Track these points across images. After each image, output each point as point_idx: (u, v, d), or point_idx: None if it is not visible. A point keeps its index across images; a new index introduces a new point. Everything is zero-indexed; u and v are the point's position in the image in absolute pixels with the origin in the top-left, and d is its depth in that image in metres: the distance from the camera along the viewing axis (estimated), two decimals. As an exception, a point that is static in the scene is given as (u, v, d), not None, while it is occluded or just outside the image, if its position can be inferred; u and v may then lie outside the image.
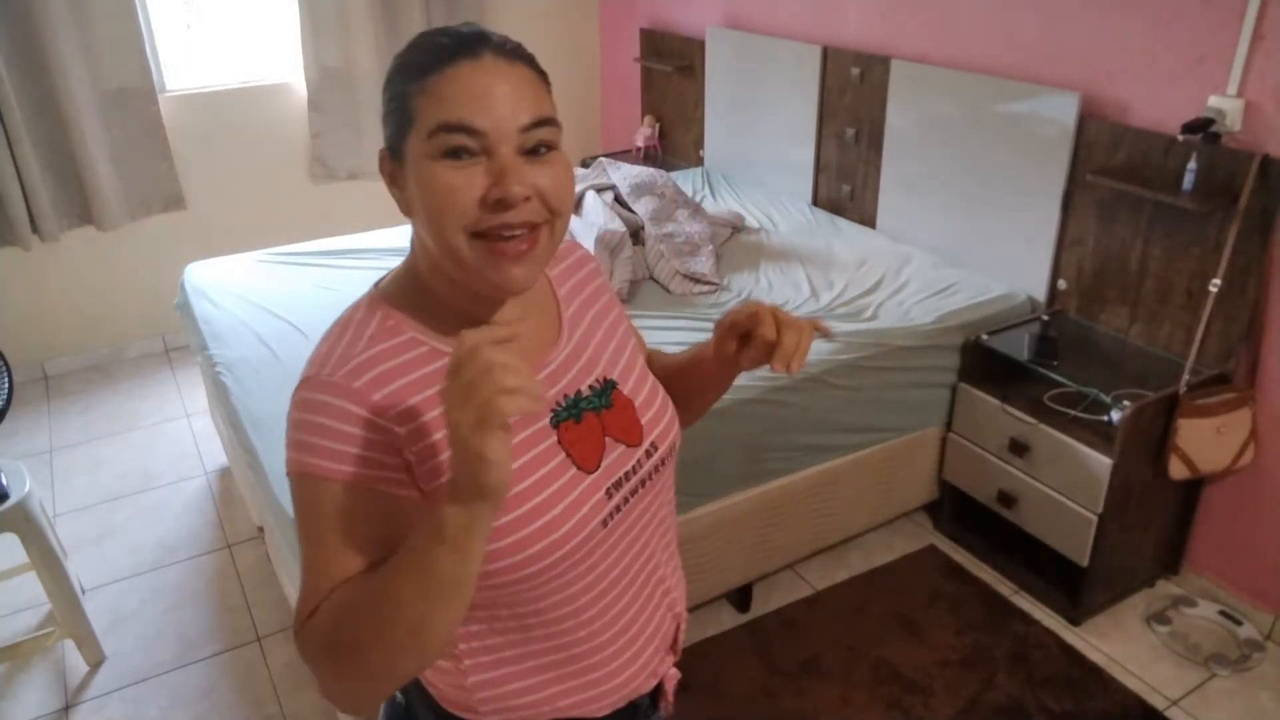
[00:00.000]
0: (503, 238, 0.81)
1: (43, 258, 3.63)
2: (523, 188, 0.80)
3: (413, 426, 0.82)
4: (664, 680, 1.07)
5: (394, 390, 0.83)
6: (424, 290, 0.89)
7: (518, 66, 0.83)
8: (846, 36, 3.25)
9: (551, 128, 0.83)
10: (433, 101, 0.80)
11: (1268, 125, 2.14)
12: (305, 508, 0.82)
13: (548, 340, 0.95)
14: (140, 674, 2.33)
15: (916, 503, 2.77)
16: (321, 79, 3.90)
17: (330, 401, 0.82)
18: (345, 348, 0.85)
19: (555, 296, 0.99)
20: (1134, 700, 2.19)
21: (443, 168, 0.80)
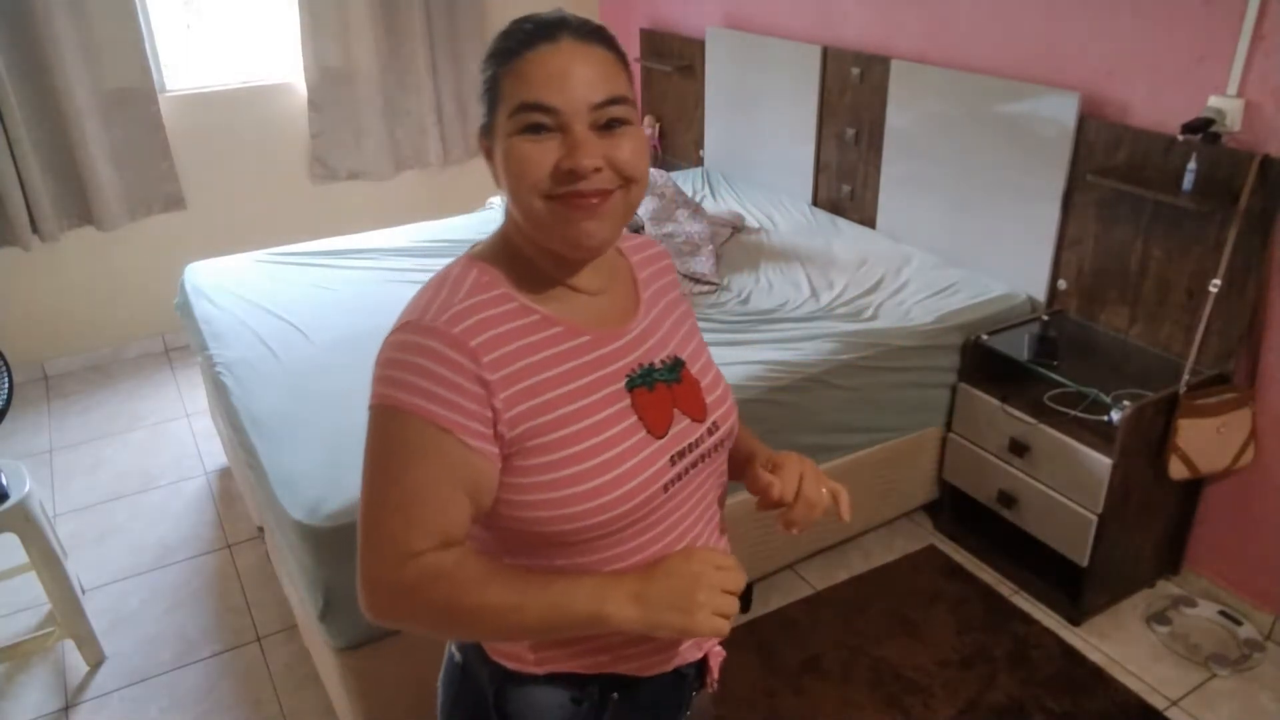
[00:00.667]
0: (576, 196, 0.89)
1: (43, 258, 3.63)
2: (592, 160, 0.88)
3: (503, 374, 0.89)
4: (709, 656, 1.12)
5: (489, 338, 0.89)
6: (515, 254, 0.96)
7: (594, 48, 0.90)
8: (846, 36, 3.25)
9: (624, 105, 0.90)
10: (515, 83, 0.89)
11: (1268, 125, 2.14)
12: (385, 441, 0.88)
13: (627, 313, 1.02)
14: (140, 674, 2.33)
15: (916, 503, 2.77)
16: (321, 79, 3.90)
17: (429, 345, 0.88)
18: (445, 298, 0.91)
19: (635, 277, 1.07)
20: (1134, 700, 2.19)
21: (522, 141, 0.89)
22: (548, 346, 0.93)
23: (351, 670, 1.91)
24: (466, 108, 4.31)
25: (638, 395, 0.97)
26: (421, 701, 2.01)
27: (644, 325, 1.02)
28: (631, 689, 1.05)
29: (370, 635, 1.90)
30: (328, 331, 2.58)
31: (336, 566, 1.83)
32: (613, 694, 1.04)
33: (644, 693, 1.06)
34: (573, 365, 0.94)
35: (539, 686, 1.02)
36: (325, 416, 2.15)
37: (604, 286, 1.01)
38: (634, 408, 0.96)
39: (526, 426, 0.89)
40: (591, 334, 0.97)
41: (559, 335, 0.94)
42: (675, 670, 1.07)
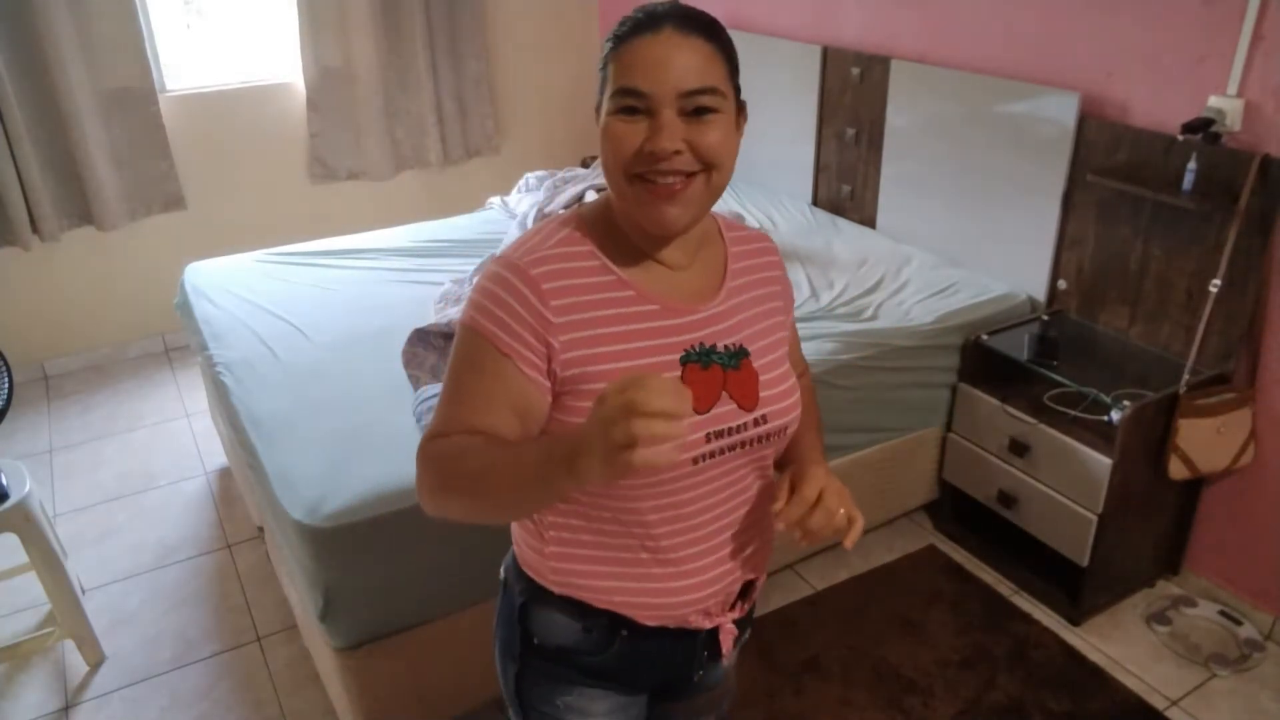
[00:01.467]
0: (657, 181, 0.96)
1: (43, 258, 3.63)
2: (672, 143, 0.94)
3: (568, 319, 0.99)
4: (720, 630, 1.16)
5: (562, 286, 0.99)
6: (610, 221, 1.05)
7: (694, 39, 0.96)
8: (846, 36, 3.25)
9: (714, 95, 0.96)
10: (618, 67, 0.97)
11: (1268, 125, 2.14)
12: (461, 355, 1.00)
13: (705, 294, 1.08)
14: (140, 674, 2.33)
15: (916, 503, 2.77)
16: (321, 79, 3.90)
17: (509, 278, 0.99)
18: (537, 243, 1.02)
19: (726, 263, 1.12)
20: (1134, 700, 2.19)
21: (616, 121, 0.96)
22: (615, 306, 1.01)
23: (351, 670, 1.91)
24: (466, 108, 4.31)
25: (689, 370, 1.03)
26: (421, 701, 2.02)
27: (718, 309, 1.07)
28: (638, 634, 1.11)
29: (370, 635, 1.90)
30: (328, 331, 2.58)
31: (336, 566, 1.83)
32: (621, 631, 1.11)
33: (651, 641, 1.12)
34: (634, 328, 1.02)
35: (556, 607, 1.12)
36: (325, 416, 2.15)
37: (688, 264, 1.07)
38: (682, 379, 1.02)
39: (579, 371, 0.99)
40: (661, 304, 1.03)
41: (629, 299, 1.02)
42: (684, 630, 1.13)
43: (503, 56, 4.39)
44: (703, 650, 1.17)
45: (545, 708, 1.17)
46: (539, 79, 4.51)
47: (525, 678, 1.17)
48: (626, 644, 1.12)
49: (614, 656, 1.13)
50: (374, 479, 1.90)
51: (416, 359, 2.36)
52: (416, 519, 1.89)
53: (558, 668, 1.15)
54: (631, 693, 1.20)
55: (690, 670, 1.19)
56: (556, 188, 3.53)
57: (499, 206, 3.66)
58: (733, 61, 1.00)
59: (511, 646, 1.17)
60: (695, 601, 1.11)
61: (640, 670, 1.17)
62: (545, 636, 1.14)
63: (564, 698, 1.16)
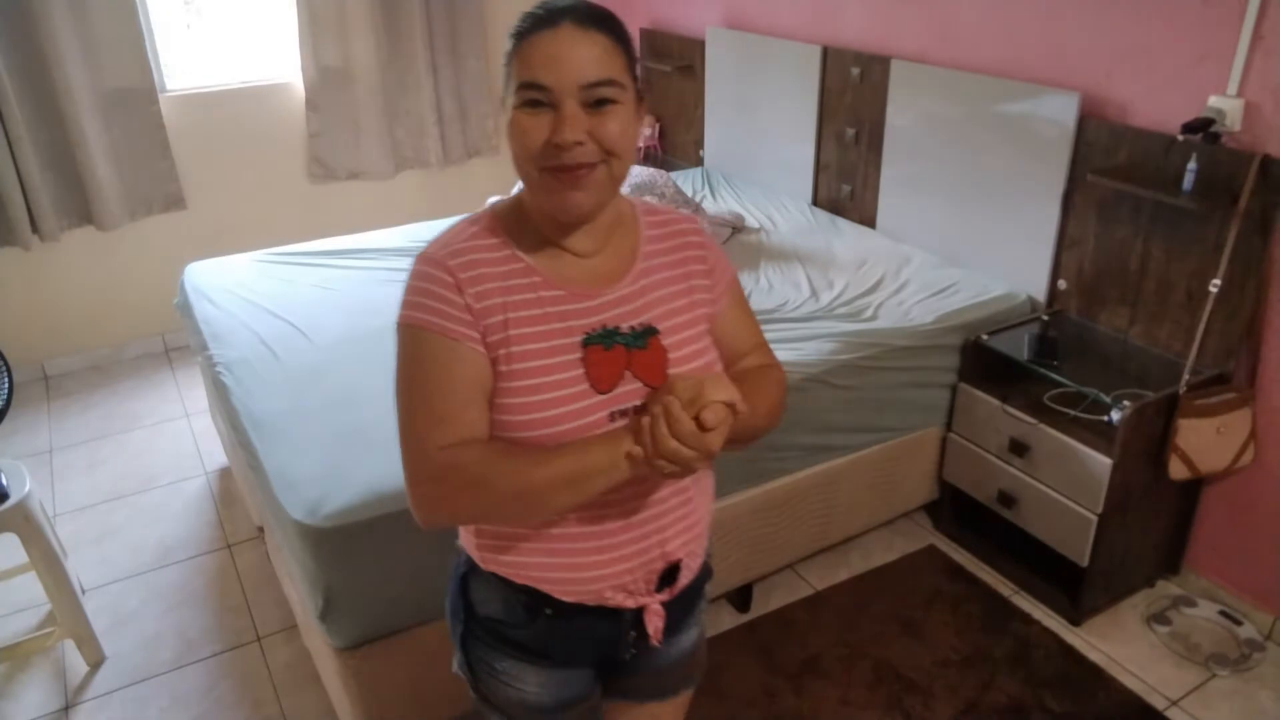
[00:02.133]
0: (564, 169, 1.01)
1: (43, 258, 3.63)
2: (575, 134, 0.99)
3: (482, 305, 1.05)
4: (647, 611, 1.19)
5: (476, 275, 1.06)
6: (521, 214, 1.11)
7: (592, 33, 1.00)
8: (846, 36, 3.25)
9: (613, 87, 1.01)
10: (520, 63, 1.01)
11: (1268, 125, 2.14)
12: (414, 356, 1.05)
13: (613, 278, 1.12)
14: (140, 674, 2.33)
15: (916, 503, 2.77)
16: (320, 79, 3.90)
17: (433, 273, 1.06)
18: (450, 238, 1.09)
19: (638, 247, 1.16)
20: (1134, 700, 2.19)
21: (521, 115, 1.01)
22: (523, 292, 1.07)
23: (351, 670, 1.91)
24: (466, 108, 4.31)
25: (591, 352, 1.08)
26: (421, 701, 2.02)
27: (626, 291, 1.12)
28: (561, 612, 1.16)
29: (370, 635, 1.90)
30: (328, 331, 2.58)
31: (336, 566, 1.83)
32: (544, 609, 1.16)
33: (575, 619, 1.17)
34: (539, 312, 1.07)
35: (485, 582, 1.19)
36: (325, 416, 2.15)
37: (597, 249, 1.12)
38: (582, 362, 1.07)
39: (498, 353, 1.05)
40: (566, 289, 1.09)
41: (536, 284, 1.08)
42: (606, 609, 1.17)
43: (502, 56, 4.38)
44: (629, 630, 1.21)
45: (487, 668, 1.24)
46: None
47: (469, 640, 1.24)
48: (550, 621, 1.17)
49: (539, 632, 1.18)
50: (374, 479, 1.90)
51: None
52: (416, 519, 1.89)
53: (493, 637, 1.21)
54: (565, 668, 1.23)
55: (618, 650, 1.23)
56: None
57: (499, 206, 3.66)
58: (630, 54, 1.05)
59: (458, 610, 1.25)
60: (610, 578, 1.14)
61: (569, 648, 1.21)
62: (481, 606, 1.21)
63: (502, 663, 1.22)
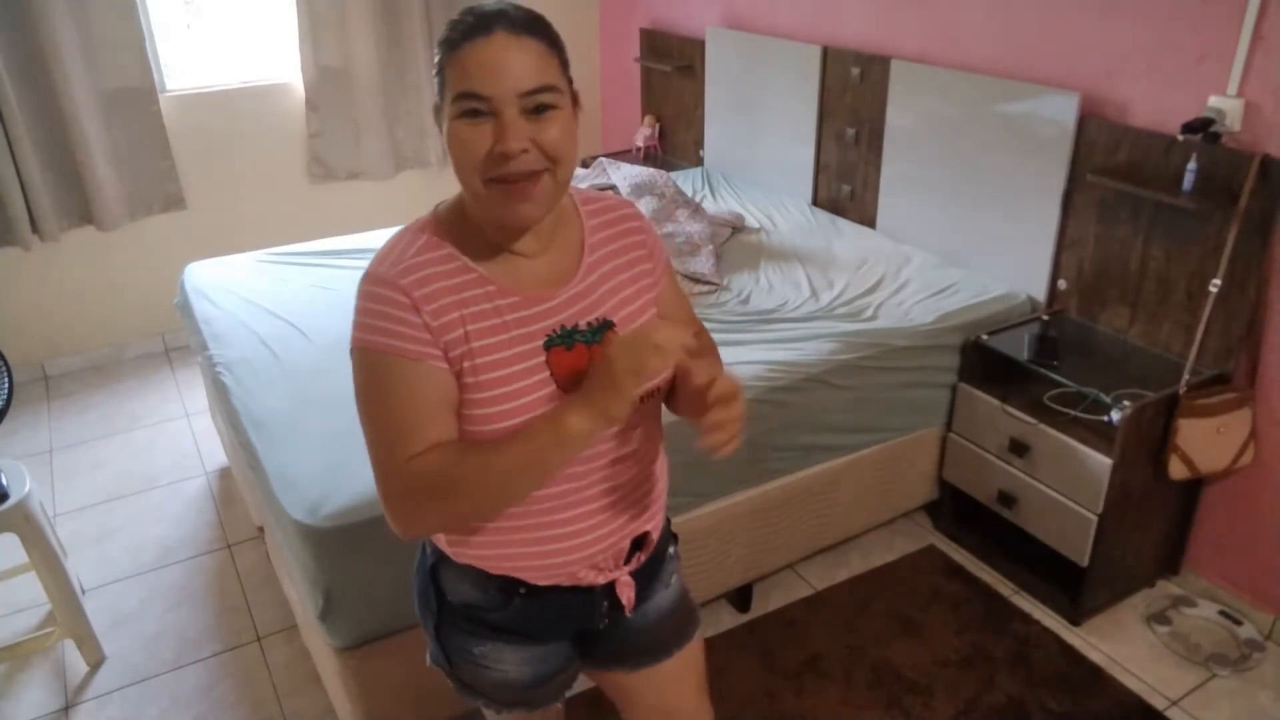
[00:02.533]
0: (509, 181, 1.00)
1: (43, 258, 3.63)
2: (519, 143, 0.98)
3: (440, 321, 1.04)
4: (618, 584, 1.23)
5: (429, 291, 1.04)
6: (465, 219, 1.10)
7: (525, 40, 0.99)
8: (846, 36, 3.25)
9: (551, 93, 1.00)
10: (455, 72, 1.00)
11: (1268, 125, 2.14)
12: (373, 380, 1.05)
13: (563, 277, 1.12)
14: (140, 674, 2.33)
15: (916, 503, 2.77)
16: (320, 79, 3.90)
17: (386, 294, 1.04)
18: (399, 254, 1.07)
19: (583, 242, 1.16)
20: (1134, 700, 2.19)
21: (461, 125, 1.00)
22: (479, 302, 1.07)
23: (351, 670, 1.91)
24: (466, 108, 4.30)
25: (554, 354, 1.09)
26: (421, 701, 2.02)
27: (578, 289, 1.13)
28: (535, 593, 1.19)
29: (370, 635, 1.90)
30: (328, 332, 2.58)
31: (336, 566, 1.83)
32: (518, 590, 1.19)
33: (548, 598, 1.20)
34: (498, 321, 1.07)
35: (457, 572, 1.21)
36: (325, 416, 2.15)
37: (544, 249, 1.12)
38: (547, 364, 1.08)
39: (461, 365, 1.05)
40: (521, 295, 1.09)
41: (491, 293, 1.07)
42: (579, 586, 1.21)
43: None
44: (602, 602, 1.24)
45: (464, 654, 1.25)
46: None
47: (443, 629, 1.26)
48: (525, 602, 1.20)
49: (515, 613, 1.21)
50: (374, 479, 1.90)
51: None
52: (416, 519, 1.89)
53: (468, 623, 1.23)
54: (542, 644, 1.26)
55: (593, 623, 1.26)
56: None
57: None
58: (563, 56, 1.05)
59: (428, 601, 1.26)
60: (582, 560, 1.18)
61: (544, 625, 1.24)
62: (454, 594, 1.23)
63: (479, 647, 1.24)
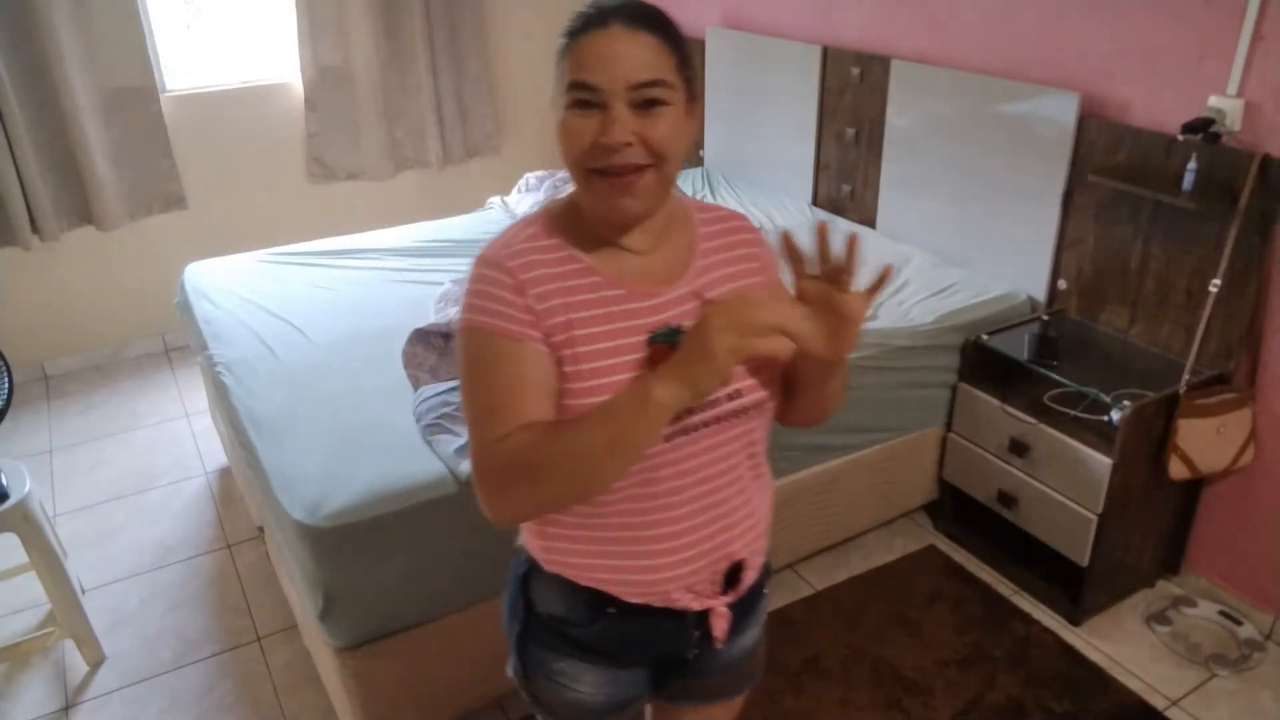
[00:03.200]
0: (612, 174, 1.00)
1: (43, 258, 3.63)
2: (623, 135, 0.98)
3: (543, 306, 1.04)
4: (712, 613, 1.18)
5: (536, 276, 1.04)
6: (576, 213, 1.10)
7: (640, 33, 0.99)
8: (846, 36, 3.25)
9: (662, 88, 1.00)
10: (571, 63, 1.00)
11: (1268, 125, 2.14)
12: (475, 358, 1.04)
13: (672, 276, 1.11)
14: (140, 674, 2.33)
15: (916, 503, 2.77)
16: (319, 78, 3.90)
17: (492, 274, 1.05)
18: (509, 239, 1.08)
19: (695, 245, 1.15)
20: (1134, 700, 2.19)
21: (570, 115, 1.00)
22: (584, 292, 1.06)
23: (351, 670, 1.91)
24: (467, 108, 4.31)
25: (656, 350, 1.05)
26: (421, 701, 2.02)
27: (684, 291, 1.11)
28: (625, 611, 1.15)
29: (370, 635, 1.90)
30: (328, 331, 2.58)
31: (336, 566, 1.83)
32: (607, 608, 1.15)
33: (638, 619, 1.16)
34: (602, 312, 1.06)
35: (547, 582, 1.18)
36: (325, 416, 2.15)
37: (654, 248, 1.11)
38: (648, 360, 1.05)
39: (562, 352, 1.04)
40: (627, 288, 1.07)
41: (597, 284, 1.06)
42: (671, 609, 1.15)
43: (503, 56, 4.39)
44: (693, 631, 1.19)
45: (543, 668, 1.22)
46: (539, 79, 4.51)
47: (526, 639, 1.23)
48: (613, 620, 1.16)
49: (601, 631, 1.17)
50: (374, 479, 1.90)
51: (416, 359, 2.36)
52: (416, 519, 1.89)
53: (553, 637, 1.20)
54: (624, 668, 1.22)
55: (682, 650, 1.22)
56: (556, 188, 3.53)
57: (499, 206, 3.66)
58: (682, 53, 1.03)
59: (517, 608, 1.24)
60: (676, 579, 1.13)
61: (630, 647, 1.20)
62: (543, 605, 1.20)
63: (558, 663, 1.21)
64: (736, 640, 1.26)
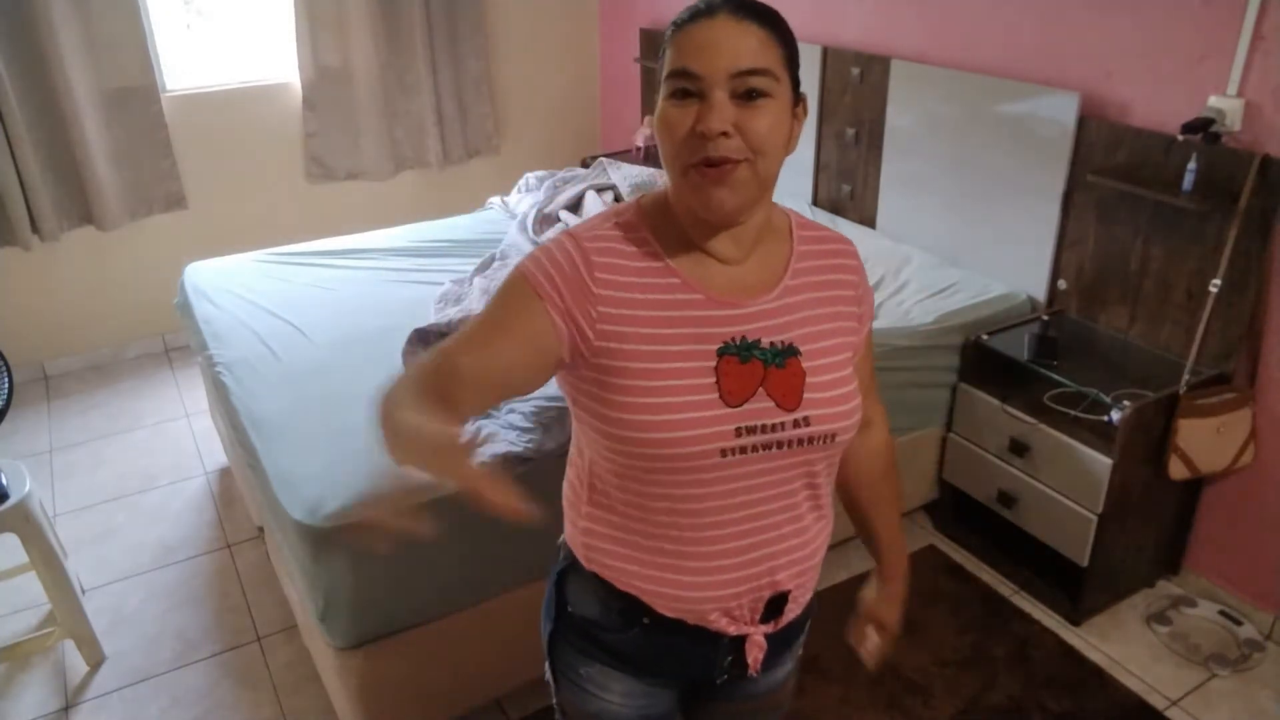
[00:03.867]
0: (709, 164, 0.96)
1: (43, 258, 3.63)
2: (721, 123, 0.94)
3: (608, 293, 1.01)
4: (748, 640, 1.14)
5: (611, 263, 1.02)
6: (667, 211, 1.07)
7: (747, 23, 0.97)
8: (846, 36, 3.25)
9: (765, 78, 0.96)
10: (674, 52, 0.97)
11: (1268, 125, 2.14)
12: (499, 291, 1.03)
13: (759, 290, 1.07)
14: (140, 674, 2.33)
15: (916, 503, 2.77)
16: (317, 78, 3.90)
17: (567, 247, 1.03)
18: (597, 223, 1.07)
19: (789, 261, 1.10)
20: (1134, 700, 2.19)
21: (669, 105, 0.97)
22: (659, 291, 1.03)
23: (351, 670, 1.91)
24: (466, 108, 4.31)
25: (726, 362, 1.02)
26: (421, 701, 2.02)
27: (770, 306, 1.06)
28: (659, 625, 1.11)
29: (370, 635, 1.90)
30: (328, 331, 2.58)
31: (336, 566, 1.83)
32: (642, 618, 1.11)
33: (671, 635, 1.12)
34: (675, 314, 1.02)
35: (585, 581, 1.15)
36: (325, 416, 2.15)
37: (742, 259, 1.06)
38: (716, 370, 1.02)
39: (612, 345, 1.00)
40: (706, 294, 1.04)
41: (674, 286, 1.03)
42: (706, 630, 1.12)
43: (503, 56, 4.39)
44: (726, 656, 1.15)
45: (570, 673, 1.20)
46: (539, 79, 4.51)
47: (557, 639, 1.21)
48: (647, 631, 1.12)
49: (634, 640, 1.14)
50: (374, 479, 1.90)
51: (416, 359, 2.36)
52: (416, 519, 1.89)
53: (583, 640, 1.18)
54: (652, 682, 1.19)
55: (712, 674, 1.17)
56: (556, 188, 3.53)
57: (499, 206, 3.66)
58: (791, 49, 1.01)
59: (550, 607, 1.22)
60: (714, 600, 1.09)
61: (661, 661, 1.16)
62: (576, 605, 1.17)
63: (587, 668, 1.18)
64: (769, 673, 1.22)
